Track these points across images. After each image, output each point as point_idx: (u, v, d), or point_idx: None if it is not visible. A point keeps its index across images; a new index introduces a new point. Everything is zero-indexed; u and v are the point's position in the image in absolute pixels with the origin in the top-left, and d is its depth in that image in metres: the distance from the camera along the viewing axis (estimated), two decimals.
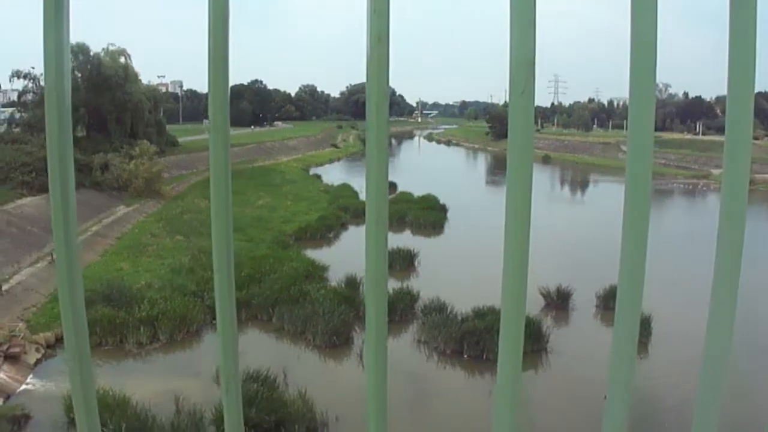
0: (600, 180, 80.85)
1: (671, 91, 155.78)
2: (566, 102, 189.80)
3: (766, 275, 29.50)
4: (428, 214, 47.06)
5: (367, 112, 1.48)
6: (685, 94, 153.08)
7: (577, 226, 47.38)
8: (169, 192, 53.44)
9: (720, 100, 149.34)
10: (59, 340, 23.58)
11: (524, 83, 1.38)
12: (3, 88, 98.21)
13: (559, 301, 28.02)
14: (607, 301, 27.73)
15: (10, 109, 68.45)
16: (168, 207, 48.17)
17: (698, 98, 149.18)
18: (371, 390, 1.49)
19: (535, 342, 23.16)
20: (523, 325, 1.48)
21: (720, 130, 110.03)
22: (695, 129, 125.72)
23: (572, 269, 32.03)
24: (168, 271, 30.77)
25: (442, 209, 49.94)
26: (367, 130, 1.47)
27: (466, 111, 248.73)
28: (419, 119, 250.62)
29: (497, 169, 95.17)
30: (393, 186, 62.86)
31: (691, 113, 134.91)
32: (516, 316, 1.48)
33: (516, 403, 1.46)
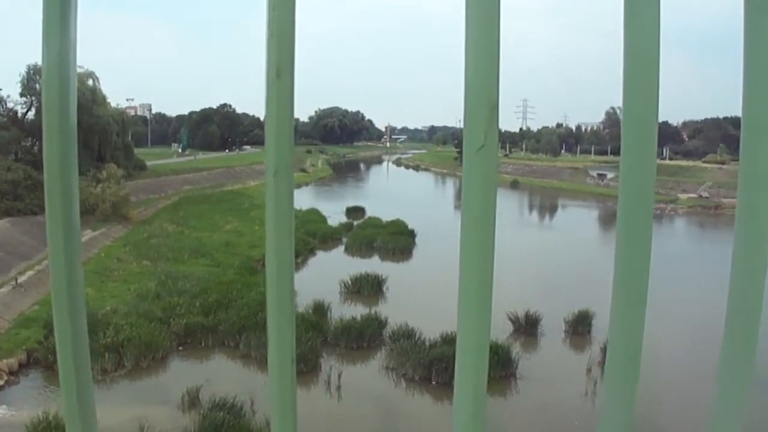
0: (568, 205, 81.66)
1: None
2: (534, 127, 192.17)
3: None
4: (396, 239, 47.07)
5: (267, 161, 1.25)
6: None
7: (545, 251, 47.70)
8: (136, 216, 52.89)
9: (687, 124, 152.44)
10: (23, 366, 23.18)
11: (483, 136, 1.11)
12: None
13: (527, 327, 28.05)
14: (576, 327, 27.95)
15: None
16: (135, 231, 47.67)
17: (665, 123, 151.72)
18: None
19: (503, 368, 23.16)
20: (486, 357, 1.21)
21: (686, 154, 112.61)
22: (662, 154, 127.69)
23: (540, 294, 32.21)
24: (134, 297, 30.38)
25: (411, 234, 49.93)
26: (268, 190, 1.25)
27: (434, 136, 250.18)
28: (388, 144, 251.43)
29: None
30: (361, 211, 62.95)
31: (658, 138, 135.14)
32: (477, 354, 1.19)
33: None
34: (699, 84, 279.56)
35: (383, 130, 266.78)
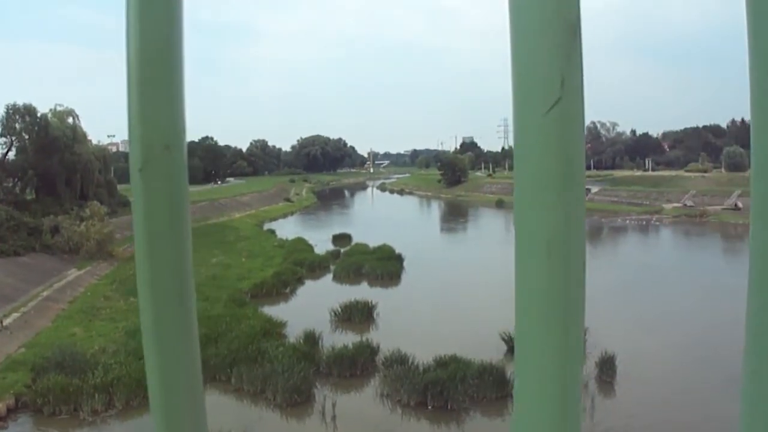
0: None
1: (619, 129, 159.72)
2: None
3: (728, 305, 30.06)
4: (384, 265, 46.91)
5: (131, 147, 0.84)
6: (633, 132, 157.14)
7: None
8: (121, 253, 52.58)
9: (667, 135, 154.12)
10: (11, 410, 22.85)
11: (560, 81, 0.67)
12: None
13: None
14: None
15: None
16: (121, 268, 47.33)
17: (645, 135, 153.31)
18: None
19: (499, 389, 23.08)
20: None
21: (668, 164, 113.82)
22: (644, 165, 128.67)
23: None
24: (122, 335, 30.07)
25: (398, 259, 49.85)
26: (134, 195, 0.86)
27: (417, 159, 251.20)
28: (371, 170, 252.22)
29: (450, 216, 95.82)
30: (348, 238, 62.88)
31: (640, 150, 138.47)
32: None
33: None
34: (677, 94, 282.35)
35: (366, 156, 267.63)
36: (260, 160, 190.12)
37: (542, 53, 0.68)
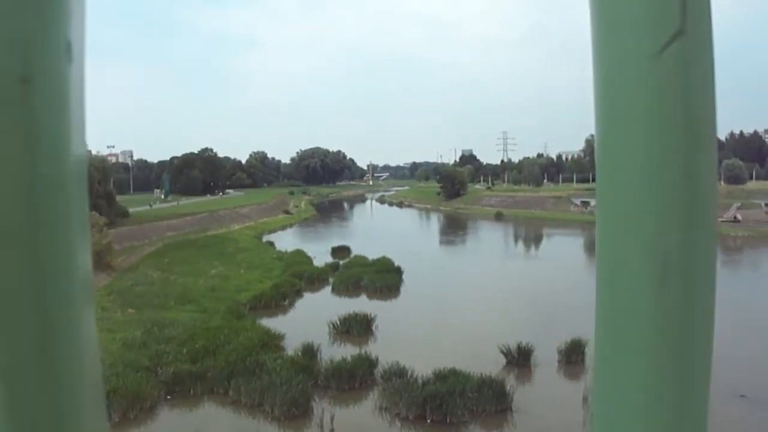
0: (553, 233, 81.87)
1: None
2: (515, 158, 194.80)
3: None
4: (383, 277, 46.79)
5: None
6: None
7: (533, 280, 47.69)
8: (120, 264, 52.50)
9: None
10: None
11: (679, 8, 0.44)
12: None
13: (520, 358, 27.76)
14: (569, 355, 27.76)
15: None
16: (119, 279, 47.24)
17: None
18: None
19: (498, 402, 23.01)
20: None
21: None
22: None
23: (532, 325, 32.14)
24: (120, 346, 29.96)
25: (398, 271, 49.79)
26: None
27: (416, 172, 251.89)
28: (371, 182, 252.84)
29: (449, 228, 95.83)
30: (347, 250, 62.85)
31: None
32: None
33: None
34: None
35: (365, 168, 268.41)
36: (259, 172, 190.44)
37: None
